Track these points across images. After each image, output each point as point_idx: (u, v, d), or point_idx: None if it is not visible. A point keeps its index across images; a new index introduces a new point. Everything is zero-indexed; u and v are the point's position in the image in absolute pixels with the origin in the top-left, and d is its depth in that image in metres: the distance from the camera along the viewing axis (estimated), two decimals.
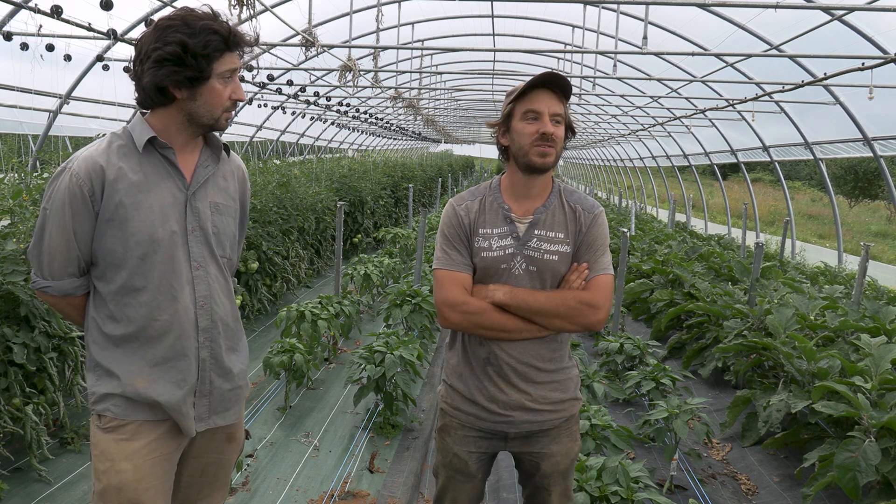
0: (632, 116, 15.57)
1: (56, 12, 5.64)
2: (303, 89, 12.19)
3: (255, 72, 8.79)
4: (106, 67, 7.91)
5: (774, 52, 8.37)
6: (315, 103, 13.84)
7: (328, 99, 13.79)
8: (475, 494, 2.20)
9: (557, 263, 2.00)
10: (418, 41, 12.03)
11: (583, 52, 10.13)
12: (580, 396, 2.15)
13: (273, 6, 7.25)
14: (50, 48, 6.70)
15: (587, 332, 6.36)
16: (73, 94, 8.91)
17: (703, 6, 6.78)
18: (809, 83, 7.76)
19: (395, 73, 14.35)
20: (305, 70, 11.67)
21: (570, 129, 2.03)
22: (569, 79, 2.04)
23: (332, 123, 19.08)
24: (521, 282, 2.00)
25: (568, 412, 2.10)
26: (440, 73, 11.79)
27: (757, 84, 9.15)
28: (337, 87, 11.27)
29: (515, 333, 1.98)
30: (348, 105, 16.31)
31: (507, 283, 1.99)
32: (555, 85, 1.96)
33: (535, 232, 2.01)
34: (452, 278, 2.01)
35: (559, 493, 2.15)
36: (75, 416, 3.92)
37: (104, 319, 1.78)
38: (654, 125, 15.32)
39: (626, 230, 5.93)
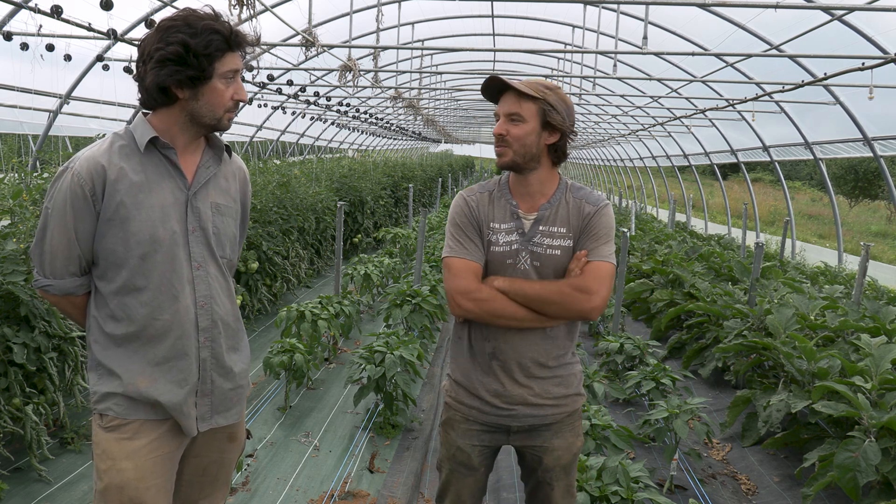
0: (632, 116, 15.57)
1: (56, 12, 5.64)
2: (303, 89, 12.18)
3: (255, 72, 8.80)
4: (106, 67, 7.91)
5: (774, 52, 8.37)
6: (315, 103, 13.84)
7: (328, 99, 13.79)
8: (478, 488, 2.21)
9: (560, 258, 2.03)
10: (418, 41, 12.03)
11: (583, 52, 10.14)
12: (583, 392, 2.17)
13: (273, 6, 7.25)
14: (50, 48, 6.69)
15: (585, 322, 6.33)
16: (73, 94, 8.91)
17: (703, 6, 6.78)
18: (809, 83, 7.76)
19: (395, 73, 14.35)
20: (305, 70, 11.67)
21: (548, 124, 1.99)
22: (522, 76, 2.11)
23: (332, 123, 19.07)
24: (527, 277, 2.02)
25: (570, 407, 2.12)
26: (440, 73, 11.79)
27: (757, 84, 9.15)
28: (337, 87, 11.27)
29: (526, 322, 2.01)
30: (348, 105, 16.31)
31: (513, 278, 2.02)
32: (505, 86, 2.00)
33: (540, 228, 2.04)
34: (464, 266, 2.03)
35: (562, 490, 2.16)
36: (75, 416, 3.92)
37: (105, 319, 1.78)
38: (654, 125, 15.32)
39: (626, 230, 5.94)
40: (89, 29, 6.35)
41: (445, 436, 2.19)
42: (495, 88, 2.04)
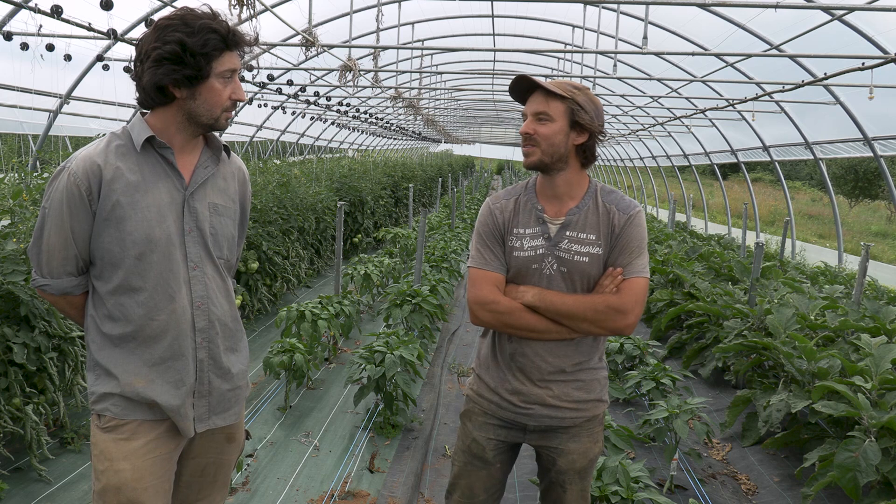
0: (632, 116, 15.57)
1: (56, 12, 5.65)
2: (303, 89, 12.19)
3: (255, 72, 8.80)
4: (106, 67, 7.92)
5: (774, 51, 8.37)
6: (315, 103, 13.84)
7: (328, 99, 13.79)
8: (492, 484, 2.20)
9: (588, 265, 1.99)
10: (418, 41, 12.03)
11: (583, 52, 10.13)
12: (606, 399, 2.14)
13: (273, 6, 7.25)
14: (50, 48, 6.70)
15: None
16: (73, 94, 8.91)
17: (703, 6, 6.78)
18: (809, 83, 7.75)
19: (395, 73, 14.35)
20: (305, 70, 11.66)
21: (577, 124, 1.98)
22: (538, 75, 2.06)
23: (332, 123, 19.08)
24: (553, 282, 2.00)
25: (590, 412, 2.09)
26: (440, 73, 11.79)
27: (757, 84, 9.15)
28: (337, 87, 11.27)
29: (545, 334, 2.00)
30: (348, 105, 16.31)
31: (539, 284, 2.01)
32: (533, 86, 2.00)
33: (567, 233, 2.01)
34: (485, 277, 2.03)
35: (575, 494, 2.15)
36: (75, 416, 3.92)
37: (103, 319, 1.78)
38: (654, 125, 15.32)
39: None
40: (89, 29, 6.35)
41: (462, 427, 2.21)
42: (523, 88, 2.02)
